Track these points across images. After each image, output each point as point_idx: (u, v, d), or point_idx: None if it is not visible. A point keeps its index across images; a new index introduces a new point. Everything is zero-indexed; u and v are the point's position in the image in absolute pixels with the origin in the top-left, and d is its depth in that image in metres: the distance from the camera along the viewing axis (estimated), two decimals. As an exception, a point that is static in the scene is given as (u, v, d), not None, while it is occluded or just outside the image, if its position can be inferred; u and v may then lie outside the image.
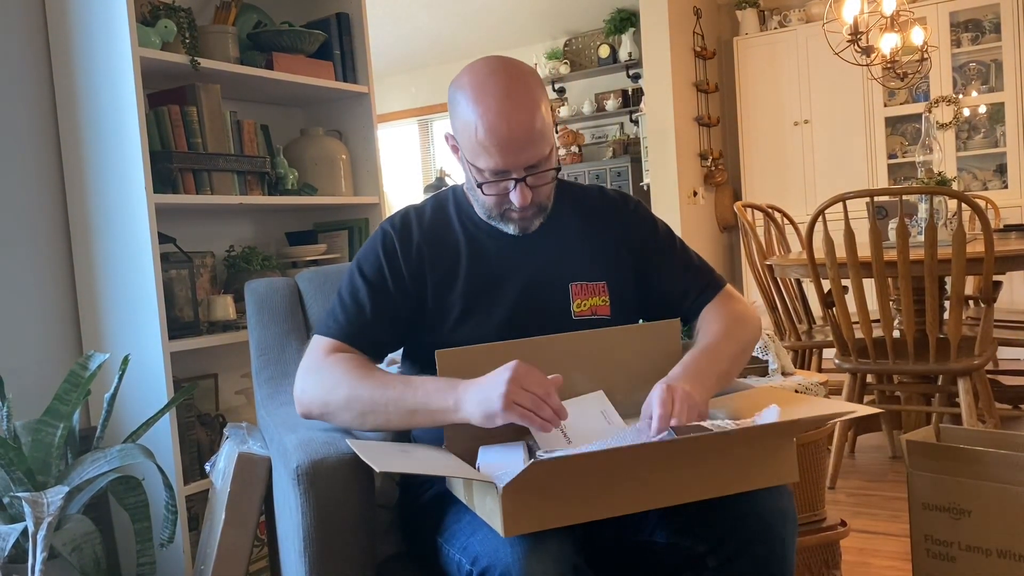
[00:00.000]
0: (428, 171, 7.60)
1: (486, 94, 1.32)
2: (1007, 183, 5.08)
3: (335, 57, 2.67)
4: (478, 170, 1.36)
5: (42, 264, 2.21)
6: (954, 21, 5.16)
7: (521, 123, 1.31)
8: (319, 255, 2.63)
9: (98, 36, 2.09)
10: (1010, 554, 1.72)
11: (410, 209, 1.52)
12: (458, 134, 1.38)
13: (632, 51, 6.17)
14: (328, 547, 1.30)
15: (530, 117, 1.32)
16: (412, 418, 1.29)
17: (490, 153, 1.32)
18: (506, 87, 1.32)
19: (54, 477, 1.82)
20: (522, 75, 1.35)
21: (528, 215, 1.41)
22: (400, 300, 1.43)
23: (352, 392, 1.32)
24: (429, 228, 1.48)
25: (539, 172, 1.37)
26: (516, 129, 1.31)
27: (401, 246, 1.45)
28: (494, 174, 1.35)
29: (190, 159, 2.21)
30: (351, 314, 1.42)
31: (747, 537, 1.23)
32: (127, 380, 1.95)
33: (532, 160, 1.35)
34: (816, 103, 5.47)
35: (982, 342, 2.71)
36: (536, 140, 1.33)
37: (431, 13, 6.27)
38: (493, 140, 1.31)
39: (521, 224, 1.43)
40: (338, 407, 1.33)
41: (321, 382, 1.36)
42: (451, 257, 1.45)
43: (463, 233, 1.47)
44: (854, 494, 2.92)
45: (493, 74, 1.34)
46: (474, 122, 1.32)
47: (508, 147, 1.32)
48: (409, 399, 1.28)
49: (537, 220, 1.44)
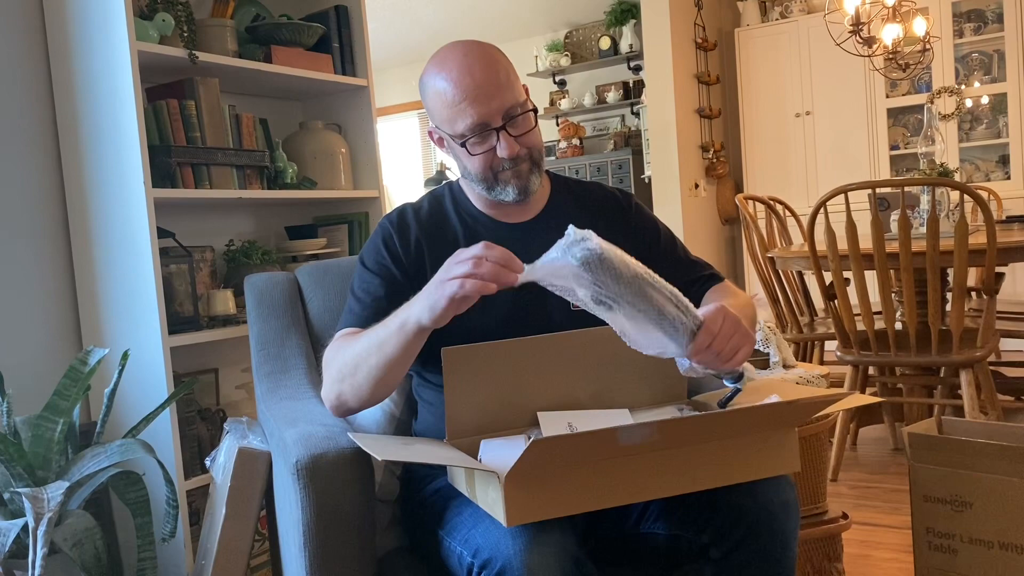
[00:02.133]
0: (429, 164, 7.59)
1: (447, 61, 1.38)
2: (1010, 174, 5.07)
3: (334, 50, 2.66)
4: (460, 135, 1.38)
5: (41, 259, 2.21)
6: (956, 11, 5.14)
7: (484, 71, 1.36)
8: (319, 249, 2.62)
9: (95, 30, 2.09)
10: (1012, 546, 1.72)
11: (406, 206, 1.54)
12: (434, 114, 1.41)
13: (633, 43, 6.15)
14: (328, 541, 1.30)
15: (493, 66, 1.37)
16: (383, 348, 1.28)
17: (463, 109, 1.35)
18: (464, 49, 1.38)
19: (54, 473, 1.82)
20: (477, 42, 1.41)
21: (523, 169, 1.41)
22: (407, 288, 1.42)
23: (342, 359, 1.34)
24: (427, 221, 1.49)
25: (518, 116, 1.38)
26: (481, 77, 1.35)
27: (400, 239, 1.46)
28: (474, 130, 1.37)
29: (189, 153, 2.21)
30: (366, 304, 1.43)
31: (750, 529, 1.23)
32: (127, 375, 1.95)
33: (506, 104, 1.37)
34: (818, 94, 5.45)
35: (984, 334, 2.70)
36: (504, 85, 1.37)
37: (431, 5, 6.25)
38: (463, 94, 1.35)
39: (518, 183, 1.41)
40: (340, 380, 1.35)
41: (327, 370, 1.39)
42: (450, 249, 1.44)
43: (461, 225, 1.48)
44: (856, 486, 2.92)
45: (452, 46, 1.40)
46: (442, 86, 1.36)
47: (479, 95, 1.35)
48: (380, 331, 1.29)
49: (534, 176, 1.43)
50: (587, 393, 1.36)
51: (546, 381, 1.33)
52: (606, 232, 1.49)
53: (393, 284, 1.43)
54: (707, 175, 5.80)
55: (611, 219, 1.52)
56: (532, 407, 1.33)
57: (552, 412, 1.33)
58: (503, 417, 1.32)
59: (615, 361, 1.37)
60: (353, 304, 1.45)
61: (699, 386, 1.50)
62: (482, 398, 1.30)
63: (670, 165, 5.46)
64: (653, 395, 1.41)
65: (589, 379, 1.35)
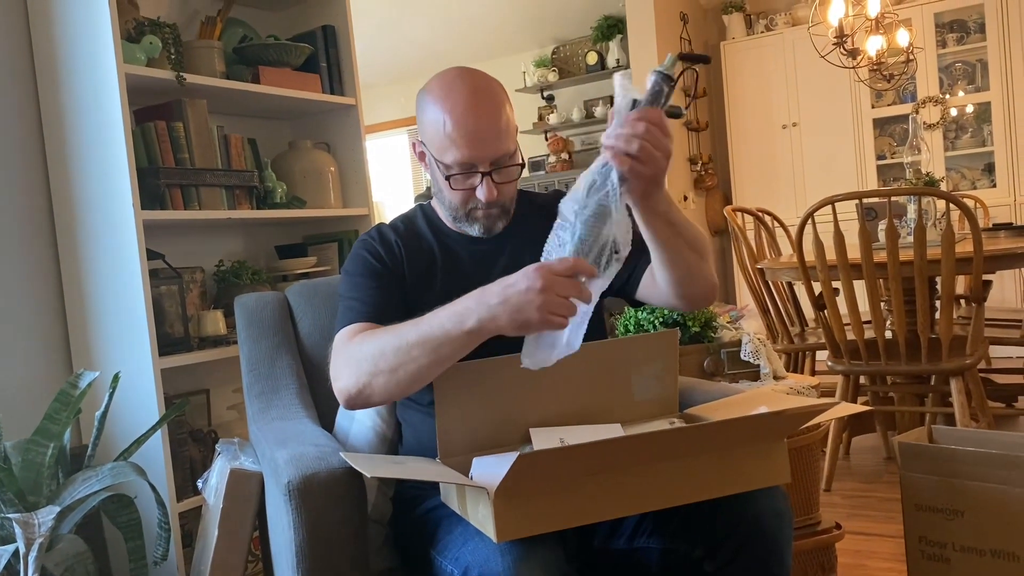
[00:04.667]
0: (419, 181, 7.59)
1: (454, 91, 1.37)
2: (995, 182, 5.11)
3: (322, 70, 2.67)
4: (445, 166, 1.39)
5: (30, 282, 2.20)
6: (939, 22, 5.19)
7: (487, 117, 1.37)
8: (309, 268, 2.62)
9: (83, 53, 2.09)
10: (1004, 554, 1.73)
11: (381, 224, 1.56)
12: (425, 134, 1.41)
13: (620, 57, 6.18)
14: (321, 562, 1.30)
15: (496, 112, 1.38)
16: (439, 350, 1.22)
17: (458, 146, 1.36)
18: (472, 86, 1.38)
19: (45, 497, 1.80)
20: (487, 79, 1.42)
21: (493, 213, 1.44)
22: (396, 284, 1.45)
23: (377, 352, 1.26)
24: (404, 235, 1.51)
25: (505, 167, 1.40)
26: (482, 122, 1.36)
27: (382, 247, 1.48)
28: (461, 167, 1.38)
29: (177, 175, 2.21)
30: (363, 300, 1.41)
31: (744, 540, 1.23)
32: (118, 397, 1.94)
33: (498, 153, 1.38)
34: (804, 106, 5.49)
35: (973, 341, 2.71)
36: (502, 134, 1.38)
37: (418, 23, 6.28)
38: (461, 132, 1.35)
39: (485, 223, 1.45)
40: (371, 374, 1.27)
41: (348, 361, 1.31)
42: (426, 260, 1.49)
43: (435, 240, 1.51)
44: (849, 496, 2.92)
45: (460, 77, 1.40)
46: (442, 118, 1.36)
47: (475, 138, 1.36)
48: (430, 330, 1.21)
49: (500, 222, 1.46)
50: (579, 408, 1.36)
51: (538, 397, 1.33)
52: None
53: (385, 282, 1.44)
54: (695, 187, 5.82)
55: None
56: (524, 423, 1.33)
57: (544, 428, 1.33)
58: (495, 434, 1.32)
59: (607, 376, 1.37)
60: (349, 302, 1.42)
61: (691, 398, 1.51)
62: (474, 415, 1.30)
63: (659, 178, 5.47)
64: (645, 409, 1.41)
65: (581, 394, 1.35)
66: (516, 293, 1.14)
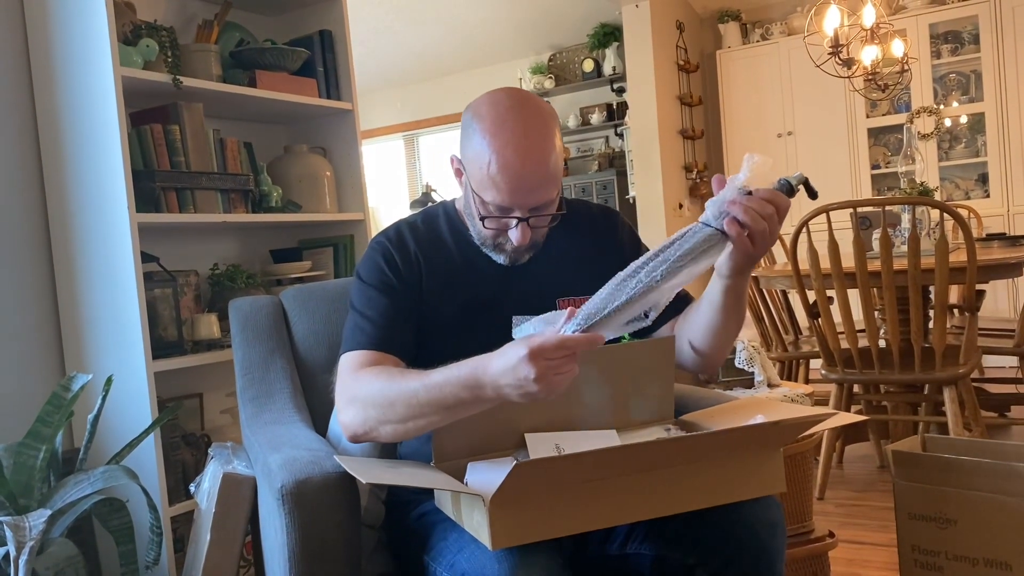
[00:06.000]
0: (414, 186, 7.60)
1: (505, 129, 1.30)
2: (989, 192, 5.13)
3: (318, 74, 2.67)
4: (482, 202, 1.35)
5: (24, 284, 2.19)
6: (933, 33, 5.22)
7: (536, 164, 1.30)
8: (304, 272, 2.62)
9: (79, 56, 2.09)
10: (996, 563, 1.73)
11: (401, 223, 1.52)
12: (468, 162, 1.36)
13: (616, 65, 6.20)
14: (314, 567, 1.29)
15: (545, 159, 1.31)
16: (454, 412, 1.21)
17: (499, 189, 1.31)
18: (525, 125, 1.31)
19: (36, 500, 1.80)
20: (542, 114, 1.34)
21: (521, 250, 1.41)
22: (412, 300, 1.43)
23: (386, 402, 1.25)
24: (424, 240, 1.48)
25: (542, 215, 1.37)
26: (529, 170, 1.30)
27: (399, 254, 1.45)
28: (499, 209, 1.34)
29: (173, 178, 2.21)
30: (374, 322, 1.39)
31: (737, 549, 1.23)
32: (111, 401, 1.93)
33: (539, 202, 1.34)
34: (799, 115, 5.51)
35: (967, 351, 2.72)
36: (547, 184, 1.33)
37: (415, 29, 6.29)
38: (505, 178, 1.30)
39: (512, 256, 1.43)
40: (379, 421, 1.26)
41: (354, 403, 1.30)
42: (446, 271, 1.46)
43: (457, 249, 1.48)
44: (842, 505, 2.92)
45: (514, 109, 1.32)
46: (488, 156, 1.30)
47: (519, 187, 1.31)
48: (448, 397, 1.19)
49: (527, 255, 1.44)
50: (575, 414, 1.36)
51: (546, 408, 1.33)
52: (597, 249, 1.52)
53: (396, 295, 1.41)
54: (691, 195, 5.84)
55: (600, 237, 1.54)
56: (519, 429, 1.33)
57: (539, 434, 1.33)
58: (490, 439, 1.32)
59: (603, 382, 1.37)
60: (361, 322, 1.40)
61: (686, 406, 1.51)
62: (469, 420, 1.30)
63: (654, 185, 5.50)
64: (641, 416, 1.41)
65: (576, 400, 1.35)
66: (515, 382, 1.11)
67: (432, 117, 7.16)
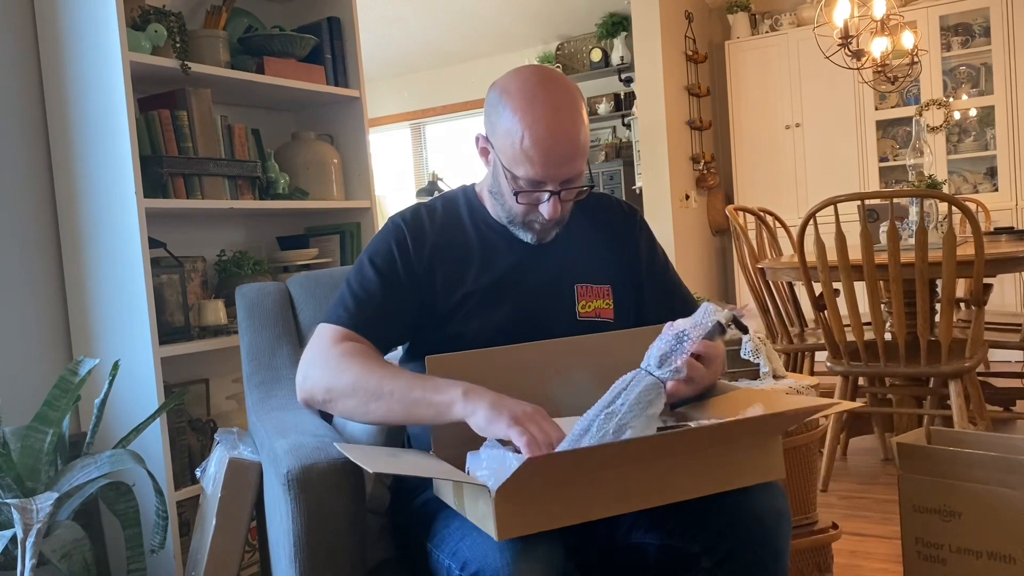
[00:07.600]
0: (421, 175, 7.59)
1: (535, 104, 1.33)
2: (997, 186, 5.11)
3: (326, 61, 2.67)
4: (514, 178, 1.37)
5: (32, 269, 2.20)
6: (944, 25, 5.19)
7: (567, 137, 1.33)
8: (311, 259, 2.62)
9: (88, 41, 2.09)
10: (1000, 556, 1.73)
11: (420, 206, 1.52)
12: (497, 140, 1.37)
13: (624, 55, 6.18)
14: (319, 552, 1.30)
15: (575, 132, 1.34)
16: (414, 409, 1.26)
17: (532, 163, 1.33)
18: (555, 100, 1.34)
19: (43, 483, 1.81)
20: (569, 90, 1.37)
21: (549, 226, 1.44)
22: (411, 294, 1.43)
23: (359, 380, 1.30)
24: (441, 226, 1.48)
25: (573, 187, 1.39)
26: (562, 142, 1.33)
27: (413, 240, 1.45)
28: (530, 184, 1.36)
29: (180, 164, 2.21)
30: (362, 303, 1.41)
31: (742, 538, 1.23)
32: (117, 385, 1.94)
33: (571, 174, 1.37)
34: (807, 106, 5.48)
35: (973, 344, 2.71)
36: (577, 155, 1.35)
37: (423, 18, 6.28)
38: (538, 151, 1.32)
39: (541, 234, 1.45)
40: (342, 393, 1.31)
41: (327, 368, 1.34)
42: (462, 256, 1.46)
43: (475, 234, 1.48)
44: (846, 496, 2.92)
45: (542, 84, 1.35)
46: (520, 131, 1.32)
47: (551, 160, 1.33)
48: (416, 389, 1.26)
49: (554, 232, 1.46)
50: (572, 402, 1.36)
51: (531, 390, 1.33)
52: (615, 241, 1.53)
53: (394, 287, 1.42)
54: (698, 186, 5.82)
55: (616, 229, 1.55)
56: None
57: None
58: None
59: (600, 369, 1.37)
60: (348, 298, 1.42)
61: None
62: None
63: (661, 176, 5.48)
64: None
65: (574, 387, 1.35)
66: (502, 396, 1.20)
67: (439, 106, 7.15)
